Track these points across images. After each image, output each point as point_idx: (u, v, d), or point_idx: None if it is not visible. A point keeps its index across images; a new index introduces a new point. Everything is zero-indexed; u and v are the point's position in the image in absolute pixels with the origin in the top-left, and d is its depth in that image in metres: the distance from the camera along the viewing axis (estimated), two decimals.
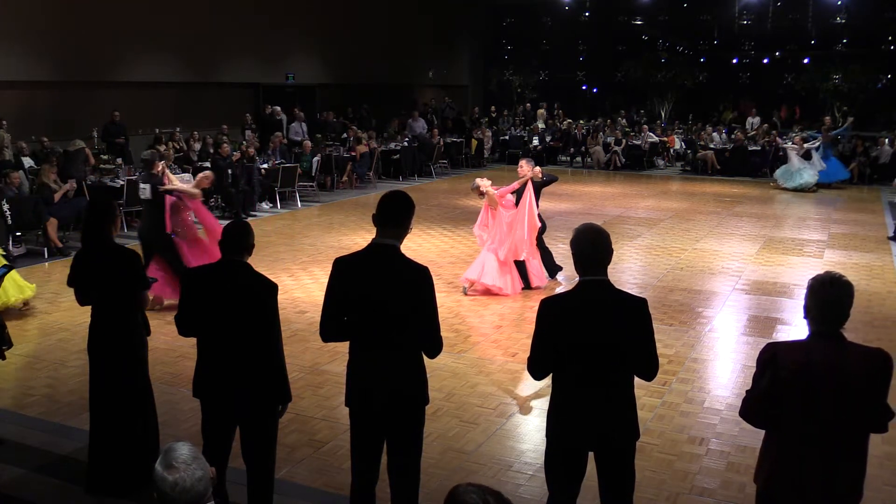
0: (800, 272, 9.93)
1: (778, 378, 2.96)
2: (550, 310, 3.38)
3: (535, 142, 22.60)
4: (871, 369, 2.92)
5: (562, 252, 9.46)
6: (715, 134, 22.12)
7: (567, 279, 9.27)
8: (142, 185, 7.99)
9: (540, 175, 8.93)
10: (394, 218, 3.55)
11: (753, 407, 3.10)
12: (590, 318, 3.30)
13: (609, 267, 3.40)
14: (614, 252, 3.46)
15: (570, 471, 3.46)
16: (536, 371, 3.46)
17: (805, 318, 3.04)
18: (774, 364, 2.98)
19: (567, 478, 3.48)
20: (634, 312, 3.33)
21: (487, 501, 2.07)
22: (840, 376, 2.90)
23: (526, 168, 8.83)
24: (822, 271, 3.13)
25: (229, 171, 13.77)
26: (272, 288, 3.81)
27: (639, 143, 22.05)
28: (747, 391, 3.15)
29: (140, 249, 7.38)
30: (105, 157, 13.70)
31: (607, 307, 3.32)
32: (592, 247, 3.34)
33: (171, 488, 2.20)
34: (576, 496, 3.53)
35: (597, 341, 3.29)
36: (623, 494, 3.48)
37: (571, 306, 3.37)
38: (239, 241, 3.82)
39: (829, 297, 2.96)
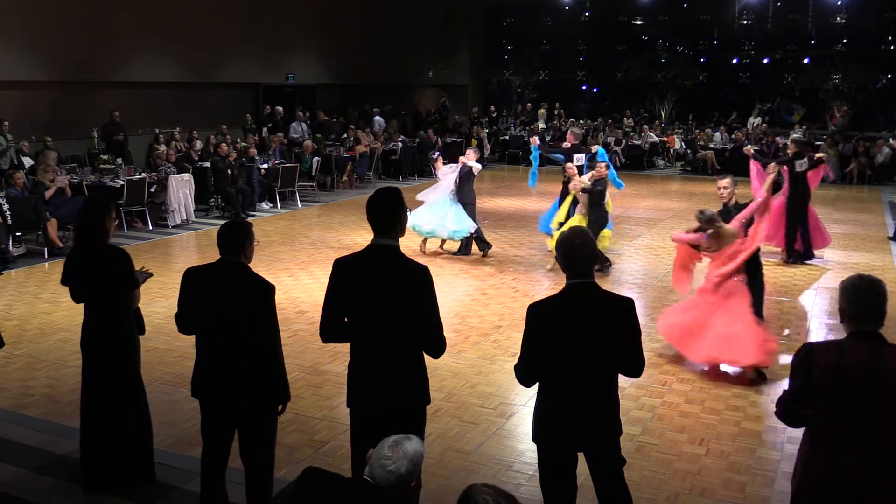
0: (800, 272, 9.94)
1: (810, 378, 2.92)
2: (539, 314, 3.39)
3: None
4: None
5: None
6: (716, 134, 22.13)
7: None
8: None
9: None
10: (382, 219, 3.55)
11: (787, 407, 3.07)
12: (579, 320, 3.32)
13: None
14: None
15: (562, 476, 3.48)
16: (525, 377, 3.48)
17: (841, 321, 3.00)
18: (808, 364, 2.94)
19: (559, 484, 3.49)
20: (622, 312, 3.37)
21: (500, 503, 2.08)
22: (875, 377, 2.84)
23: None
24: (851, 274, 3.09)
25: (228, 172, 13.78)
26: (269, 288, 3.80)
27: (639, 143, 22.06)
28: (784, 391, 3.13)
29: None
30: (105, 157, 13.71)
31: (596, 309, 3.35)
32: (579, 250, 3.37)
33: (380, 455, 2.42)
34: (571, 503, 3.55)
35: (586, 343, 3.31)
36: (619, 489, 3.52)
37: (560, 310, 3.38)
38: (234, 240, 3.81)
39: (863, 296, 2.92)
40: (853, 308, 2.94)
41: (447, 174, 10.58)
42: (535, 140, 11.44)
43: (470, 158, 10.52)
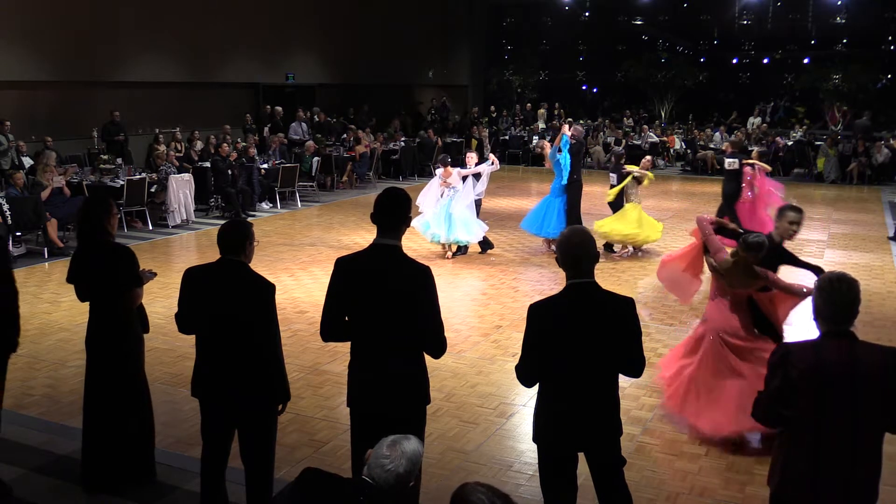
0: (800, 272, 9.92)
1: (789, 378, 2.94)
2: (540, 314, 3.38)
3: (535, 141, 22.58)
4: (887, 367, 2.88)
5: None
6: (716, 134, 22.14)
7: None
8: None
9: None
10: (388, 217, 3.55)
11: (765, 408, 3.09)
12: (579, 320, 3.32)
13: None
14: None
15: (562, 476, 3.48)
16: (526, 378, 3.47)
17: (815, 319, 3.01)
18: (786, 364, 2.95)
19: (559, 484, 3.49)
20: (622, 313, 3.37)
21: (495, 503, 2.08)
22: (853, 375, 2.87)
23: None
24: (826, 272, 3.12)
25: (228, 172, 13.78)
26: (269, 287, 3.80)
27: (639, 143, 22.06)
28: (759, 392, 3.14)
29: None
30: (105, 157, 13.72)
31: (596, 309, 3.35)
32: (580, 249, 3.36)
33: (378, 455, 2.41)
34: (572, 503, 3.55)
35: (586, 343, 3.31)
36: (619, 489, 3.52)
37: (561, 310, 3.38)
38: (234, 240, 3.81)
39: (837, 295, 2.94)
40: (831, 308, 2.96)
41: (458, 181, 10.46)
42: (566, 128, 10.88)
43: (470, 163, 10.62)
